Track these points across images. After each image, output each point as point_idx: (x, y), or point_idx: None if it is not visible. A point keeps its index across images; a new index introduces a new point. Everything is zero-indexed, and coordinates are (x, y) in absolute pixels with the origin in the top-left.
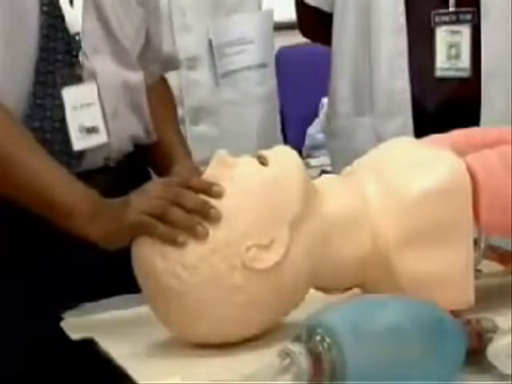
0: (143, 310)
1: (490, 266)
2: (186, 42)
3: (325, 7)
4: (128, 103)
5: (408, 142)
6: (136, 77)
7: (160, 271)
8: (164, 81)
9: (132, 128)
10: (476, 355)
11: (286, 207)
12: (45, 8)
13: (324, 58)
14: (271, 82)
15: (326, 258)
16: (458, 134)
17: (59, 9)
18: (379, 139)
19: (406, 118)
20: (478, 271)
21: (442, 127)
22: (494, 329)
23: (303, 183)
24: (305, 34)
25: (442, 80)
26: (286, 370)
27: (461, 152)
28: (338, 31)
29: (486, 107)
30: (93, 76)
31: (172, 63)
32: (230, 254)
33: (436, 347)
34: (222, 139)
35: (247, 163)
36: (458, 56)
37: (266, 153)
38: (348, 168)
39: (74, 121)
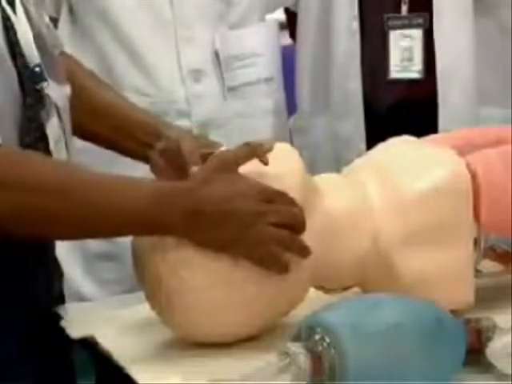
0: (143, 309)
1: (490, 266)
2: (191, 54)
3: (290, 6)
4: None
5: (408, 141)
6: (68, 90)
7: (160, 270)
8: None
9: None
10: (476, 355)
11: None
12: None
13: None
14: (278, 94)
15: (327, 257)
16: (459, 134)
17: (19, 47)
18: (334, 139)
19: (359, 118)
20: (477, 271)
21: (395, 128)
22: (494, 328)
23: (303, 181)
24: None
25: (396, 82)
26: (285, 369)
27: (461, 151)
28: (300, 30)
29: (443, 108)
30: (55, 106)
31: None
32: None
33: (436, 347)
34: None
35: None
36: (410, 59)
37: None
38: (349, 167)
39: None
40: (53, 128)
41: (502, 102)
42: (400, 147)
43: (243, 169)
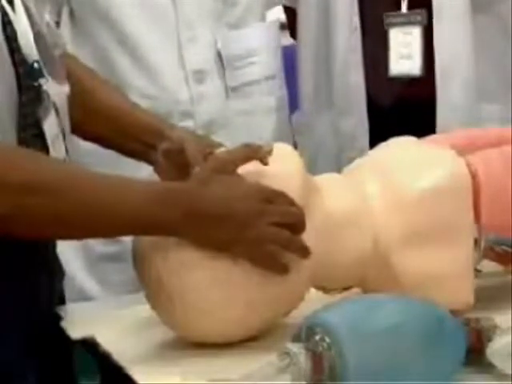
0: (144, 309)
1: (490, 266)
2: (194, 54)
3: (288, 3)
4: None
5: (409, 141)
6: (67, 88)
7: (160, 270)
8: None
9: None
10: (475, 354)
11: None
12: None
13: None
14: (280, 92)
15: (327, 257)
16: (459, 134)
17: (17, 43)
18: (337, 136)
19: (362, 115)
20: (477, 271)
21: (397, 125)
22: (494, 328)
23: (303, 182)
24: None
25: (395, 79)
26: (285, 369)
27: (461, 152)
28: (301, 28)
29: (441, 105)
30: (53, 103)
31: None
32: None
33: (436, 347)
34: None
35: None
36: (409, 56)
37: None
38: (349, 167)
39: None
40: (50, 125)
41: (502, 100)
42: (400, 147)
43: (243, 169)
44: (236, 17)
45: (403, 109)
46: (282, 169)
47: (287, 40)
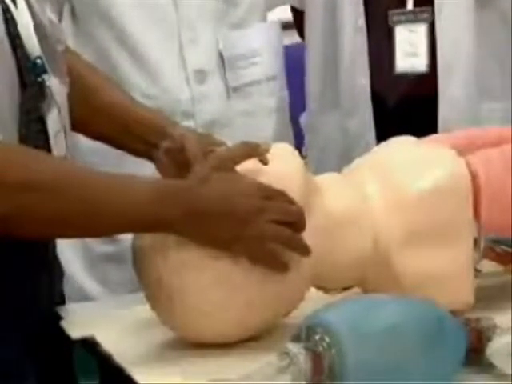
0: (144, 309)
1: (490, 266)
2: (195, 54)
3: (296, 4)
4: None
5: (409, 141)
6: (68, 85)
7: (160, 270)
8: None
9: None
10: (476, 354)
11: None
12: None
13: None
14: (282, 93)
15: (327, 257)
16: (459, 134)
17: (20, 38)
18: (344, 136)
19: (368, 114)
20: (477, 271)
21: (404, 123)
22: (494, 328)
23: (303, 181)
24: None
25: (402, 77)
26: (285, 369)
27: (461, 151)
28: (308, 28)
29: (443, 102)
30: (55, 100)
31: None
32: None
33: (436, 347)
34: None
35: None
36: (415, 53)
37: None
38: (349, 166)
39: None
40: (53, 121)
41: (503, 96)
42: (400, 147)
43: (244, 169)
44: (237, 17)
45: (409, 106)
46: (282, 168)
47: (288, 40)
